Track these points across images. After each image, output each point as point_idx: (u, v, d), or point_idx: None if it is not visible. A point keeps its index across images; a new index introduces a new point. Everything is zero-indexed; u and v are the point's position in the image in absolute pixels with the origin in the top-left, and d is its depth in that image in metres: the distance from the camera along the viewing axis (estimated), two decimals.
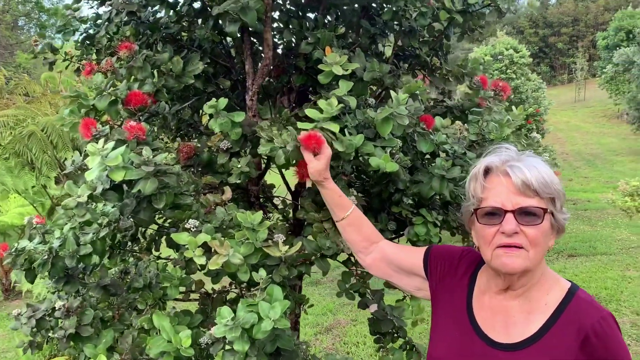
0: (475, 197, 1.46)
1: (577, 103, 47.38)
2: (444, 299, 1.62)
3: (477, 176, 1.46)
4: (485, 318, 1.49)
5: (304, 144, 1.75)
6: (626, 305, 6.86)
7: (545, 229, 1.38)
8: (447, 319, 1.58)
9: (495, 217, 1.39)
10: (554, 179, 1.40)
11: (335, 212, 1.88)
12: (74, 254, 1.84)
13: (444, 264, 1.67)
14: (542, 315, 1.41)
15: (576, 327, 1.34)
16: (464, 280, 1.60)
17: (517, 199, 1.37)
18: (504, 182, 1.40)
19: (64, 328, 1.91)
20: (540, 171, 1.38)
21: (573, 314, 1.37)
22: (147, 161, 1.72)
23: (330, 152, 1.78)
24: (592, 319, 1.34)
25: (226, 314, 1.66)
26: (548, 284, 1.45)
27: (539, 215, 1.36)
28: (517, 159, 1.42)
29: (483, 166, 1.46)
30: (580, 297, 1.41)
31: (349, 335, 6.48)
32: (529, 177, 1.35)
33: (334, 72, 2.06)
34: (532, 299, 1.44)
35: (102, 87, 1.92)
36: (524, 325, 1.42)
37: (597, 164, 24.00)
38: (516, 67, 15.26)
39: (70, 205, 1.72)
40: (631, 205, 7.89)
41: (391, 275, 1.84)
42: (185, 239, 1.78)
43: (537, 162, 1.41)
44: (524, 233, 1.36)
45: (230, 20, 1.85)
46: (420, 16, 2.31)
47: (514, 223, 1.35)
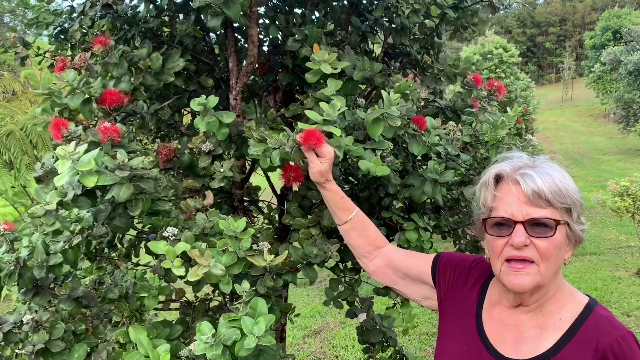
0: (486, 206, 1.37)
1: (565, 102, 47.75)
2: (452, 309, 1.53)
3: (488, 184, 1.37)
4: (495, 331, 1.40)
5: (304, 141, 1.63)
6: (616, 307, 6.83)
7: (559, 242, 1.28)
8: (455, 330, 1.48)
9: (505, 228, 1.30)
10: (570, 187, 1.30)
11: (338, 215, 1.77)
12: (43, 264, 1.72)
13: (454, 273, 1.57)
14: (556, 332, 1.31)
15: (593, 346, 1.25)
16: (474, 291, 1.50)
17: (528, 210, 1.27)
18: (514, 191, 1.30)
19: (32, 343, 1.78)
20: (554, 179, 1.28)
21: (590, 331, 1.27)
22: (121, 165, 1.60)
23: (332, 152, 1.67)
24: (611, 337, 1.24)
25: (206, 330, 1.55)
26: (563, 298, 1.36)
27: (551, 227, 1.26)
28: (530, 166, 1.32)
29: (494, 173, 1.36)
30: (598, 313, 1.31)
31: (338, 338, 6.38)
32: (540, 186, 1.26)
33: (322, 71, 1.95)
34: (545, 313, 1.35)
35: (74, 84, 1.79)
36: (536, 342, 1.33)
37: (584, 163, 24.12)
38: (505, 67, 15.25)
39: (38, 213, 1.59)
40: (621, 205, 7.86)
41: (397, 283, 1.74)
42: (163, 248, 1.67)
43: (552, 169, 1.31)
44: (535, 245, 1.26)
45: (213, 14, 1.73)
46: (413, 13, 2.20)
47: (524, 235, 1.26)
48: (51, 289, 1.87)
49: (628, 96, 26.36)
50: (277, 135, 1.73)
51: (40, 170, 1.82)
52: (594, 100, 39.18)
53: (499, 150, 2.28)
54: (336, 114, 1.73)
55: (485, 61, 15.55)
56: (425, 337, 6.24)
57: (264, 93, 2.51)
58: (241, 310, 1.61)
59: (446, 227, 2.40)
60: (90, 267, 2.27)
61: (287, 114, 2.22)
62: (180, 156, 2.09)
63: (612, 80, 32.83)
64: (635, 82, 26.10)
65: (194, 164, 2.09)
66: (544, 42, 70.10)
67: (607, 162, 23.75)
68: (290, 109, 2.22)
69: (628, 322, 6.35)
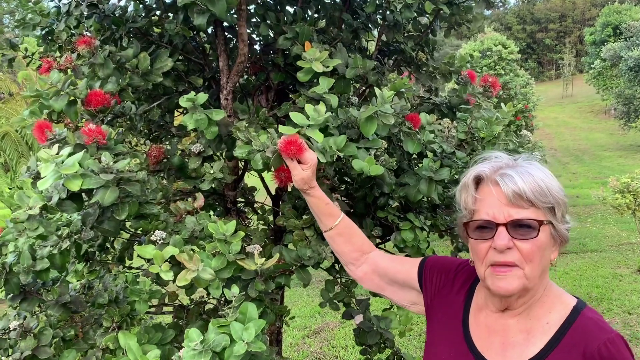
0: (467, 209, 1.33)
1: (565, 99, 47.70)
2: (439, 314, 1.49)
3: (467, 186, 1.33)
4: (482, 337, 1.36)
5: (283, 150, 1.59)
6: (617, 304, 6.79)
7: (543, 243, 1.24)
8: (442, 335, 1.45)
9: (487, 231, 1.26)
10: (553, 186, 1.26)
11: (323, 222, 1.72)
12: (29, 270, 1.68)
13: (440, 277, 1.53)
14: (543, 336, 1.27)
15: (581, 350, 1.21)
16: (460, 295, 1.46)
17: (509, 211, 1.23)
18: (494, 192, 1.26)
19: (20, 350, 1.74)
20: (535, 178, 1.24)
21: (578, 335, 1.23)
22: (106, 168, 1.56)
23: (315, 158, 1.63)
24: (599, 341, 1.20)
25: (195, 336, 1.51)
26: (550, 300, 1.32)
27: (534, 228, 1.22)
28: (510, 166, 1.29)
29: (473, 175, 1.32)
30: (586, 316, 1.27)
31: (338, 338, 6.34)
32: (521, 186, 1.22)
33: (313, 69, 1.91)
34: (532, 317, 1.31)
35: (58, 86, 1.75)
36: (523, 347, 1.28)
37: (585, 159, 24.07)
38: (505, 63, 15.20)
39: (21, 218, 1.55)
40: (622, 202, 7.81)
41: (384, 289, 1.69)
42: (151, 252, 1.63)
43: (533, 168, 1.27)
44: (518, 248, 1.22)
45: (198, 11, 1.69)
46: (405, 8, 2.16)
47: (507, 238, 1.22)
48: (39, 295, 1.84)
49: (629, 92, 26.29)
50: (262, 137, 1.69)
51: (27, 174, 1.78)
52: (594, 97, 39.11)
53: (495, 146, 2.24)
54: (322, 118, 1.68)
55: (485, 58, 15.49)
56: (425, 337, 6.20)
57: (256, 92, 2.47)
58: (230, 316, 1.57)
59: (443, 225, 2.36)
60: (82, 271, 2.24)
61: (279, 114, 2.18)
62: (170, 158, 2.06)
63: (613, 77, 32.76)
64: (636, 78, 26.04)
65: (184, 165, 2.05)
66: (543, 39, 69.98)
67: (608, 158, 23.69)
68: (282, 108, 2.19)
69: (629, 319, 6.31)
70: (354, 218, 2.27)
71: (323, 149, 1.70)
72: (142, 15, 2.17)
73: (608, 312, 6.51)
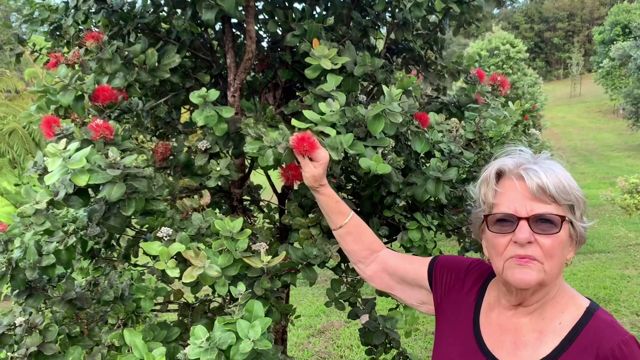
0: (486, 203, 1.32)
1: (573, 98, 47.46)
2: (449, 313, 1.48)
3: (489, 180, 1.32)
4: (493, 336, 1.35)
5: (295, 146, 1.58)
6: (625, 306, 6.74)
7: (563, 240, 1.24)
8: (452, 335, 1.44)
9: (508, 224, 1.25)
10: (574, 185, 1.26)
11: (333, 220, 1.72)
12: (35, 265, 1.68)
13: (451, 276, 1.52)
14: (555, 336, 1.26)
15: (594, 352, 1.20)
16: (471, 294, 1.45)
17: (532, 205, 1.22)
18: (517, 186, 1.25)
19: (25, 346, 1.74)
20: (558, 175, 1.24)
21: (591, 336, 1.22)
22: (113, 163, 1.56)
23: (327, 156, 1.62)
24: (612, 342, 1.19)
25: (200, 333, 1.50)
26: (564, 301, 1.31)
27: (556, 224, 1.22)
28: (532, 162, 1.28)
29: (495, 169, 1.32)
30: (599, 317, 1.26)
31: (343, 337, 6.33)
32: (545, 182, 1.21)
33: (321, 66, 1.90)
34: (545, 317, 1.30)
35: (65, 80, 1.75)
36: (535, 347, 1.27)
37: (593, 159, 23.95)
38: (512, 62, 15.13)
39: (27, 212, 1.55)
40: (630, 202, 7.76)
41: (393, 288, 1.69)
42: (157, 249, 1.62)
43: (555, 166, 1.27)
44: (539, 243, 1.21)
45: (207, 7, 1.68)
46: (415, 7, 2.15)
47: (528, 231, 1.21)
48: (45, 291, 1.83)
49: (637, 92, 26.13)
50: (273, 133, 1.68)
51: (33, 169, 1.78)
52: (602, 96, 38.90)
53: (504, 146, 2.22)
54: (335, 114, 1.67)
55: (492, 57, 15.42)
56: (431, 337, 6.18)
57: (264, 90, 2.46)
58: (237, 313, 1.56)
59: (450, 225, 2.34)
60: (87, 268, 2.23)
61: (286, 111, 2.17)
62: (176, 155, 2.05)
63: (622, 76, 32.57)
64: None
65: (191, 162, 2.04)
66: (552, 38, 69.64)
67: (616, 158, 23.56)
68: (290, 106, 2.17)
69: (638, 321, 6.26)
70: (361, 217, 2.26)
71: (335, 146, 1.68)
72: (150, 11, 2.16)
73: (616, 314, 6.47)
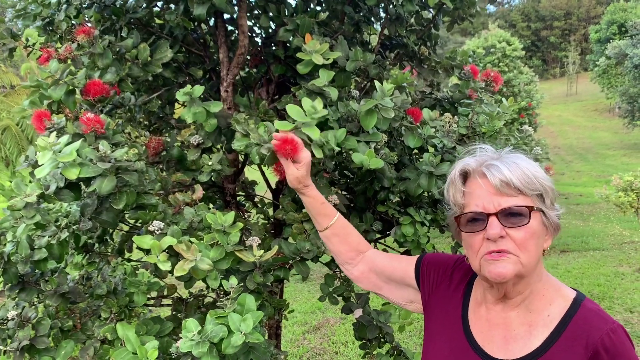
0: (457, 205, 1.34)
1: (569, 97, 47.57)
2: (437, 310, 1.48)
3: (455, 182, 1.34)
4: (482, 331, 1.35)
5: (278, 149, 1.57)
6: (619, 303, 6.77)
7: (535, 230, 1.25)
8: (441, 332, 1.44)
9: (479, 223, 1.26)
10: (539, 174, 1.27)
11: (318, 221, 1.71)
12: (27, 259, 1.68)
13: (437, 273, 1.52)
14: (544, 329, 1.27)
15: (584, 342, 1.21)
16: (458, 291, 1.46)
17: (499, 200, 1.23)
18: (482, 184, 1.27)
19: (18, 340, 1.74)
20: (521, 167, 1.25)
21: (580, 326, 1.23)
22: (104, 157, 1.56)
23: (309, 157, 1.61)
24: (601, 332, 1.20)
25: (192, 327, 1.51)
26: (550, 293, 1.32)
27: (524, 215, 1.23)
28: (495, 158, 1.29)
29: (458, 170, 1.34)
30: (586, 307, 1.27)
31: (338, 334, 6.34)
32: (507, 175, 1.23)
33: (314, 61, 1.90)
34: (532, 309, 1.31)
35: (57, 75, 1.75)
36: (525, 340, 1.28)
37: (589, 158, 24.02)
38: (508, 60, 15.14)
39: (18, 205, 1.55)
40: (625, 200, 7.79)
41: (381, 287, 1.68)
42: (149, 242, 1.62)
43: (518, 158, 1.28)
44: (511, 237, 1.23)
45: (198, 1, 1.68)
46: (407, 1, 2.15)
47: (499, 227, 1.22)
48: (37, 285, 1.83)
49: (633, 90, 26.20)
50: (262, 128, 1.67)
51: (25, 163, 1.78)
52: (598, 95, 39.01)
53: (497, 141, 2.23)
54: (319, 114, 1.66)
55: (488, 55, 15.43)
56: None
57: (257, 85, 2.46)
58: (229, 307, 1.57)
59: (443, 220, 2.35)
60: (80, 263, 2.23)
61: (279, 106, 2.17)
62: (169, 149, 2.05)
63: (618, 75, 32.65)
64: None
65: (183, 157, 2.04)
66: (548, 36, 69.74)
67: (612, 157, 23.64)
68: (283, 101, 2.17)
69: (631, 318, 6.30)
70: (355, 212, 2.27)
71: (320, 144, 1.67)
72: (142, 5, 2.16)
73: (610, 311, 6.50)
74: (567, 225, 11.70)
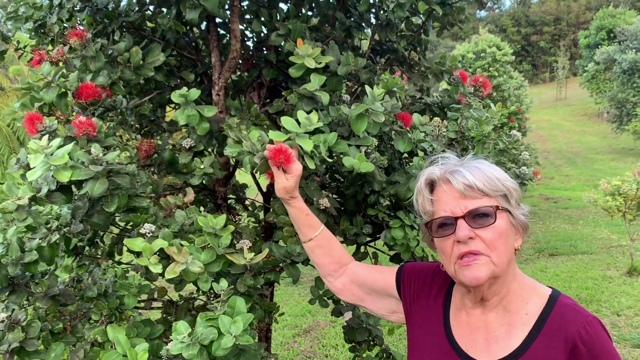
0: (426, 213, 1.38)
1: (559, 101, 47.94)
2: (419, 318, 1.50)
3: (422, 191, 1.38)
4: (464, 336, 1.38)
5: (271, 158, 1.58)
6: (606, 306, 6.84)
7: (503, 229, 1.28)
8: (424, 339, 1.46)
9: (448, 227, 1.30)
10: (502, 176, 1.32)
11: (303, 232, 1.71)
12: (18, 262, 1.68)
13: (418, 282, 1.55)
14: (524, 327, 1.30)
15: (562, 337, 1.24)
16: (439, 298, 1.48)
17: (465, 203, 1.28)
18: (447, 190, 1.32)
19: (7, 342, 1.74)
20: (484, 171, 1.30)
21: (557, 322, 1.27)
22: (96, 160, 1.56)
23: (300, 169, 1.61)
24: (578, 325, 1.24)
25: (182, 329, 1.52)
26: (526, 292, 1.35)
27: (490, 215, 1.27)
28: (458, 165, 1.35)
29: (423, 179, 1.39)
30: (562, 302, 1.30)
31: (328, 337, 6.35)
32: (470, 179, 1.28)
33: (305, 65, 1.92)
34: (511, 309, 1.34)
35: (49, 78, 1.75)
36: (506, 340, 1.31)
37: (577, 162, 24.21)
38: (498, 65, 15.25)
39: (9, 208, 1.55)
40: (612, 204, 7.87)
41: (363, 299, 1.70)
42: (140, 245, 1.63)
43: (480, 163, 1.34)
44: (481, 237, 1.26)
45: (191, 6, 1.70)
46: (397, 8, 2.17)
47: (467, 228, 1.26)
48: (27, 287, 1.83)
49: (621, 95, 26.47)
50: (254, 137, 1.67)
51: (16, 165, 1.78)
52: (587, 100, 39.35)
53: (485, 145, 2.26)
54: (313, 126, 1.68)
55: (479, 60, 15.53)
56: None
57: (249, 89, 2.48)
58: (219, 309, 1.58)
59: None
60: (71, 266, 2.23)
61: (270, 110, 2.19)
62: (161, 152, 2.06)
63: (606, 80, 32.96)
64: (629, 81, 26.21)
65: (175, 160, 2.05)
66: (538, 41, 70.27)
67: (600, 161, 23.85)
68: (274, 105, 2.19)
69: (618, 321, 6.36)
70: (345, 216, 2.29)
71: (312, 154, 1.69)
72: (135, 9, 2.17)
73: (597, 314, 6.56)
74: (556, 229, 11.80)
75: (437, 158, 1.41)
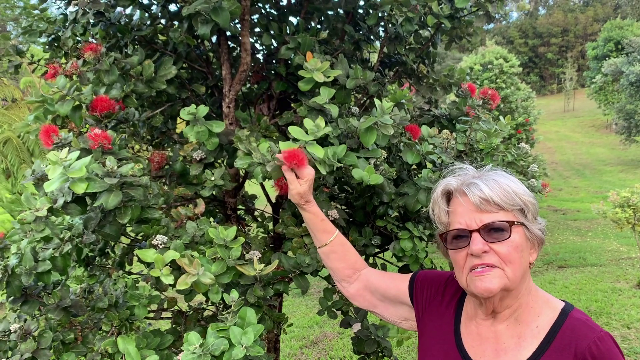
0: (442, 223, 1.39)
1: (567, 113, 47.79)
2: (430, 326, 1.51)
3: (438, 202, 1.39)
4: (474, 346, 1.38)
5: (285, 159, 1.61)
6: (616, 319, 6.77)
7: (518, 244, 1.28)
8: (435, 347, 1.46)
9: (463, 239, 1.31)
10: (520, 189, 1.31)
11: (318, 237, 1.73)
12: (31, 272, 1.70)
13: (430, 290, 1.55)
14: (534, 340, 1.30)
15: (572, 351, 1.23)
16: (451, 307, 1.49)
17: (480, 217, 1.28)
18: (463, 202, 1.31)
19: (20, 352, 1.76)
20: (501, 184, 1.29)
21: (568, 336, 1.26)
22: (110, 172, 1.59)
23: (313, 173, 1.64)
24: (589, 340, 1.23)
25: (194, 340, 1.53)
26: (538, 305, 1.35)
27: (505, 230, 1.27)
28: (475, 177, 1.34)
29: (440, 190, 1.39)
30: (574, 317, 1.30)
31: (336, 349, 6.33)
32: (487, 193, 1.27)
33: (315, 79, 1.94)
34: (521, 321, 1.34)
35: (64, 91, 1.78)
36: (515, 351, 1.31)
37: (586, 173, 24.09)
38: (506, 77, 15.25)
39: (28, 219, 1.58)
40: (622, 216, 7.81)
41: (376, 305, 1.71)
42: (152, 256, 1.65)
43: (499, 176, 1.33)
44: (495, 251, 1.26)
45: (202, 21, 1.73)
46: (406, 21, 2.20)
47: (481, 242, 1.26)
48: (40, 298, 1.85)
49: (630, 107, 26.34)
50: (263, 148, 1.70)
51: (31, 177, 1.81)
52: (595, 111, 39.20)
53: (494, 158, 2.27)
54: (320, 132, 1.70)
55: (486, 71, 15.55)
56: None
57: (258, 101, 2.50)
58: (230, 320, 1.59)
59: None
60: (82, 276, 2.26)
61: (280, 122, 2.21)
62: (172, 164, 2.08)
63: (614, 91, 32.85)
64: (637, 93, 26.10)
65: (186, 171, 2.08)
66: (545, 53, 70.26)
67: (609, 173, 23.72)
68: (284, 117, 2.21)
69: (628, 334, 6.30)
70: (354, 227, 2.30)
71: (323, 160, 1.71)
72: (147, 23, 2.20)
73: (607, 327, 6.50)
74: (565, 241, 11.73)
75: (455, 169, 1.41)
